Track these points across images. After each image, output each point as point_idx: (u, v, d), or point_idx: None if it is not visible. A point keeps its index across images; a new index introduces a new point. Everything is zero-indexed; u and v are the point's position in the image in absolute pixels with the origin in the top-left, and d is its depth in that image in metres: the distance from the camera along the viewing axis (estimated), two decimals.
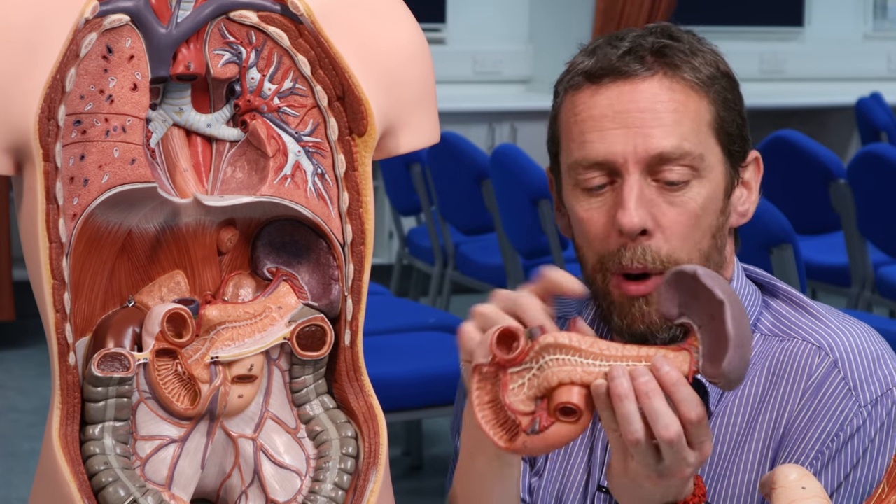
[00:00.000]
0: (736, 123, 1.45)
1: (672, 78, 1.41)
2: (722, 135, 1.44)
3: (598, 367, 1.18)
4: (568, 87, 1.45)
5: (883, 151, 4.15)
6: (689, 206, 1.40)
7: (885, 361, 1.43)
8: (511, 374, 1.19)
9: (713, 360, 1.17)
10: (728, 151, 1.44)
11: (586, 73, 1.43)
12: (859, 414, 1.40)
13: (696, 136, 1.41)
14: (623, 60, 1.42)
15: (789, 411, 1.43)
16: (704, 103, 1.43)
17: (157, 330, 1.23)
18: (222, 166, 1.28)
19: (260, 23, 1.24)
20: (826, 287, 4.61)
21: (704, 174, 1.41)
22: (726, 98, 1.45)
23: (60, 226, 1.17)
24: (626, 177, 1.39)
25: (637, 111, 1.40)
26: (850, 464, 1.39)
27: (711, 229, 1.43)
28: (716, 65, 1.45)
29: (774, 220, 3.28)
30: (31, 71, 1.14)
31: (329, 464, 1.27)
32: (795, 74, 7.73)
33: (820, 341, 1.44)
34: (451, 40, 6.99)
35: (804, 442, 1.41)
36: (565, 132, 1.45)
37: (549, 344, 1.18)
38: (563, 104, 1.46)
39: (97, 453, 1.21)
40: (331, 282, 1.29)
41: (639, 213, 1.38)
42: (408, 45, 1.30)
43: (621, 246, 1.39)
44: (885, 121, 6.25)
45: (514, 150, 4.43)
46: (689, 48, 1.44)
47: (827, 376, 1.42)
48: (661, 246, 1.39)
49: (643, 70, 1.41)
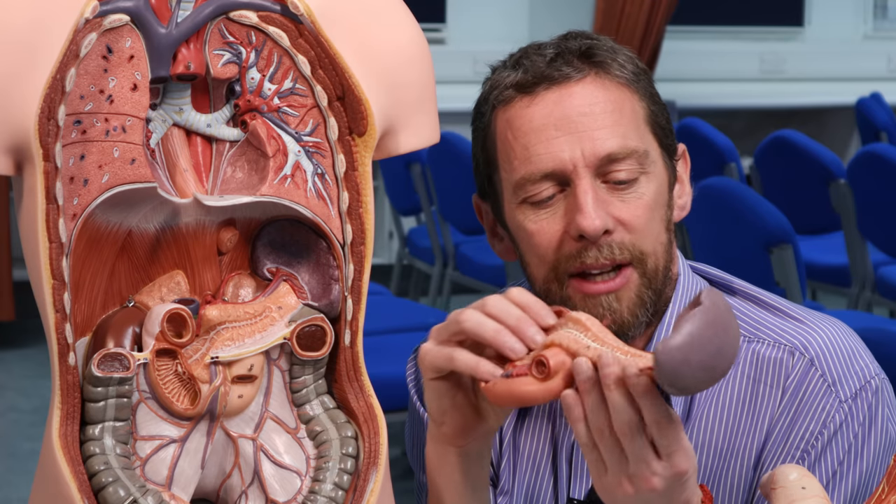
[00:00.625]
0: (664, 117, 1.46)
1: (603, 77, 1.42)
2: (657, 129, 1.44)
3: (590, 350, 1.19)
4: (497, 103, 1.43)
5: (883, 151, 4.15)
6: (643, 200, 1.40)
7: (859, 355, 1.43)
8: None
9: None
10: (664, 145, 1.45)
11: (517, 85, 1.42)
12: (840, 410, 1.40)
13: (636, 132, 1.41)
14: (553, 66, 1.41)
15: (770, 414, 1.42)
16: (636, 99, 1.43)
17: (157, 330, 1.23)
18: (222, 166, 1.28)
19: (260, 23, 1.24)
20: (826, 287, 4.61)
21: (650, 169, 1.41)
22: (652, 93, 1.46)
23: (60, 226, 1.17)
24: (578, 182, 1.38)
25: (577, 115, 1.39)
26: (837, 460, 1.40)
27: (664, 222, 1.43)
28: (634, 62, 1.46)
29: (774, 220, 3.28)
30: (31, 71, 1.14)
31: (329, 464, 1.27)
32: (795, 74, 7.73)
33: (792, 342, 1.43)
34: (451, 40, 7.00)
35: (788, 443, 1.41)
36: (503, 150, 1.43)
37: (571, 317, 1.22)
38: (494, 122, 1.44)
39: (97, 453, 1.21)
40: (331, 282, 1.29)
41: (599, 215, 1.37)
42: (408, 45, 1.30)
43: (580, 248, 1.39)
44: (885, 121, 6.25)
45: None
46: (610, 47, 1.45)
47: (805, 375, 1.42)
48: (624, 237, 1.39)
49: (575, 73, 1.40)
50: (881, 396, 1.42)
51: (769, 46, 7.70)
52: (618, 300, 1.40)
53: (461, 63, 6.90)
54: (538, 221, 1.41)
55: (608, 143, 1.39)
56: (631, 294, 1.40)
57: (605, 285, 1.39)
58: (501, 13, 7.08)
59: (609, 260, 1.38)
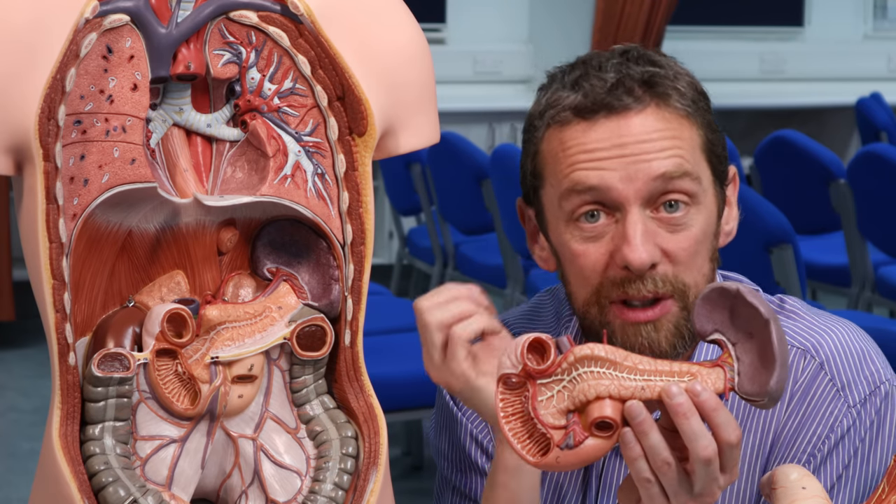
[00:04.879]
0: (720, 144, 1.44)
1: (664, 108, 1.39)
2: (712, 158, 1.42)
3: (634, 382, 1.15)
4: (553, 122, 1.41)
5: (883, 151, 4.15)
6: (692, 232, 1.38)
7: (870, 359, 1.43)
8: (539, 386, 1.16)
9: (754, 378, 1.15)
10: (716, 172, 1.43)
11: (575, 109, 1.40)
12: (849, 414, 1.40)
13: (692, 158, 1.39)
14: (613, 94, 1.39)
15: (777, 417, 1.42)
16: (695, 129, 1.41)
17: (157, 330, 1.23)
18: (222, 166, 1.28)
19: (260, 23, 1.24)
20: (826, 287, 4.61)
21: (701, 199, 1.39)
22: (709, 120, 1.43)
23: (60, 226, 1.17)
24: (628, 210, 1.37)
25: (634, 142, 1.38)
26: (842, 464, 1.39)
27: (709, 253, 1.42)
28: (694, 86, 1.43)
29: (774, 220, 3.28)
30: (31, 71, 1.14)
31: (329, 464, 1.27)
32: (795, 74, 7.73)
33: (804, 344, 1.43)
34: (451, 40, 7.00)
35: (795, 446, 1.41)
36: (552, 165, 1.42)
37: (585, 356, 1.15)
38: (547, 138, 1.42)
39: (97, 453, 1.21)
40: (331, 282, 1.29)
41: (646, 249, 1.36)
42: (408, 45, 1.30)
43: (624, 278, 1.37)
44: (885, 121, 6.25)
45: (514, 150, 4.42)
46: (672, 73, 1.42)
47: (814, 379, 1.41)
48: (667, 270, 1.37)
49: (635, 103, 1.38)
50: (890, 402, 1.41)
51: (769, 46, 7.71)
52: (656, 330, 1.39)
53: (461, 63, 6.90)
54: (584, 244, 1.39)
55: (664, 163, 1.37)
56: (670, 325, 1.39)
57: (643, 314, 1.39)
58: (501, 13, 7.08)
59: (651, 293, 1.37)
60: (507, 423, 1.16)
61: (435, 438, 1.59)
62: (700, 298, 1.18)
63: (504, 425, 1.16)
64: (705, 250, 1.41)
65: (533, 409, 1.15)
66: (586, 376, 1.15)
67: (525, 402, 1.16)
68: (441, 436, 1.57)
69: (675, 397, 1.14)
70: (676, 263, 1.38)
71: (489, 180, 4.54)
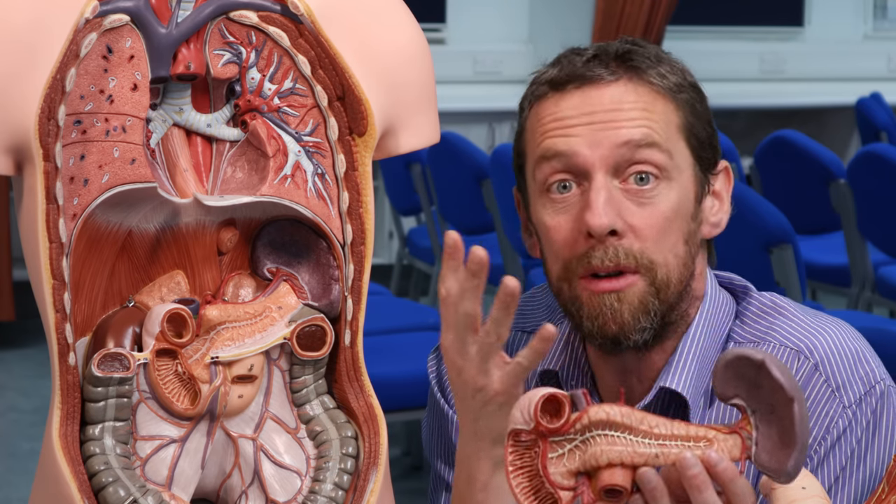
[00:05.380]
0: (705, 131, 1.43)
1: (637, 82, 1.40)
2: (691, 138, 1.42)
3: (649, 449, 1.13)
4: (532, 98, 1.43)
5: (883, 151, 4.15)
6: (659, 207, 1.38)
7: (864, 359, 1.42)
8: (551, 443, 1.14)
9: (772, 453, 1.13)
10: (698, 156, 1.42)
11: (550, 82, 1.41)
12: (844, 415, 1.39)
13: (664, 132, 1.39)
14: (587, 66, 1.40)
15: None
16: (672, 107, 1.41)
17: (157, 330, 1.23)
18: (222, 166, 1.28)
19: (260, 23, 1.24)
20: (826, 287, 4.61)
21: (672, 175, 1.39)
22: (694, 107, 1.43)
23: (60, 226, 1.17)
24: (593, 176, 1.37)
25: (602, 111, 1.38)
26: (839, 465, 1.39)
27: (684, 234, 1.41)
28: (682, 74, 1.43)
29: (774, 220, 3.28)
30: (31, 71, 1.14)
31: (329, 464, 1.27)
32: (795, 74, 7.73)
33: (798, 345, 1.43)
34: (451, 40, 6.99)
35: None
36: (529, 138, 1.43)
37: (600, 419, 1.13)
38: (528, 117, 1.44)
39: (97, 453, 1.21)
40: (331, 282, 1.29)
41: (607, 213, 1.36)
42: (408, 45, 1.30)
43: (589, 248, 1.37)
44: (885, 121, 6.25)
45: None
46: (654, 55, 1.42)
47: (809, 380, 1.41)
48: (632, 244, 1.37)
49: (608, 74, 1.39)
50: (886, 401, 1.41)
51: (769, 46, 7.70)
52: (619, 301, 1.39)
53: (461, 63, 6.90)
54: (555, 217, 1.40)
55: (631, 132, 1.38)
56: (634, 298, 1.39)
57: (608, 284, 1.39)
58: (501, 13, 7.08)
59: (613, 263, 1.37)
60: (514, 477, 1.15)
61: (427, 438, 1.59)
62: (723, 362, 1.15)
63: (511, 479, 1.15)
64: (678, 230, 1.40)
65: (543, 468, 1.14)
66: (600, 439, 1.13)
67: (535, 457, 1.15)
68: (432, 434, 1.57)
69: (690, 468, 1.12)
70: (643, 239, 1.38)
71: (489, 180, 4.53)
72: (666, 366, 1.42)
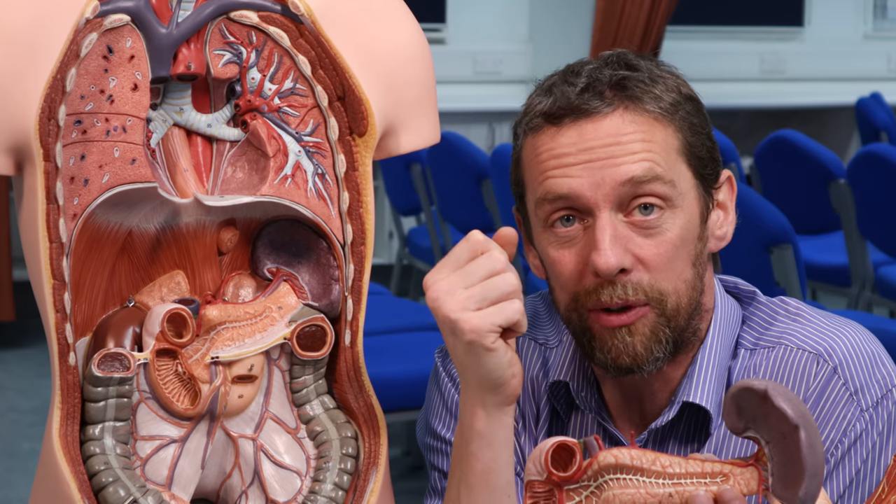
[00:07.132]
0: (705, 147, 1.42)
1: (634, 111, 1.37)
2: (692, 160, 1.40)
3: (662, 488, 1.14)
4: (527, 129, 1.41)
5: (883, 151, 4.15)
6: (666, 236, 1.37)
7: (881, 362, 1.42)
8: (567, 491, 1.15)
9: (786, 481, 1.13)
10: (700, 176, 1.41)
11: (545, 115, 1.39)
12: (861, 419, 1.39)
13: (665, 161, 1.37)
14: (582, 98, 1.37)
15: None
16: (671, 131, 1.39)
17: (157, 330, 1.23)
18: (222, 166, 1.28)
19: (260, 23, 1.24)
20: (826, 287, 4.61)
21: (677, 203, 1.38)
22: (692, 123, 1.41)
23: (61, 226, 1.17)
24: (597, 215, 1.36)
25: (601, 146, 1.36)
26: (855, 468, 1.39)
27: (691, 258, 1.40)
28: (677, 89, 1.41)
29: (774, 220, 3.28)
30: (31, 71, 1.14)
31: (329, 464, 1.27)
32: (795, 74, 7.73)
33: (816, 348, 1.42)
34: (451, 40, 6.99)
35: None
36: (528, 173, 1.41)
37: (609, 464, 1.14)
38: (524, 147, 1.42)
39: (97, 453, 1.21)
40: (331, 282, 1.29)
41: (615, 253, 1.34)
42: (408, 45, 1.30)
43: (598, 285, 1.36)
44: (885, 121, 6.25)
45: None
46: (648, 76, 1.40)
47: (828, 384, 1.41)
48: (641, 278, 1.36)
49: (603, 106, 1.37)
50: None
51: (769, 46, 7.70)
52: (630, 334, 1.37)
53: (461, 63, 6.90)
54: (560, 250, 1.39)
55: (632, 167, 1.36)
56: (645, 329, 1.38)
57: (617, 318, 1.38)
58: (501, 13, 7.08)
59: (622, 300, 1.36)
60: None
61: (423, 434, 1.58)
62: (729, 396, 1.15)
63: None
64: (685, 255, 1.39)
65: None
66: (612, 484, 1.14)
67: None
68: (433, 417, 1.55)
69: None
70: (652, 270, 1.37)
71: (489, 180, 4.53)
72: (685, 380, 1.41)
